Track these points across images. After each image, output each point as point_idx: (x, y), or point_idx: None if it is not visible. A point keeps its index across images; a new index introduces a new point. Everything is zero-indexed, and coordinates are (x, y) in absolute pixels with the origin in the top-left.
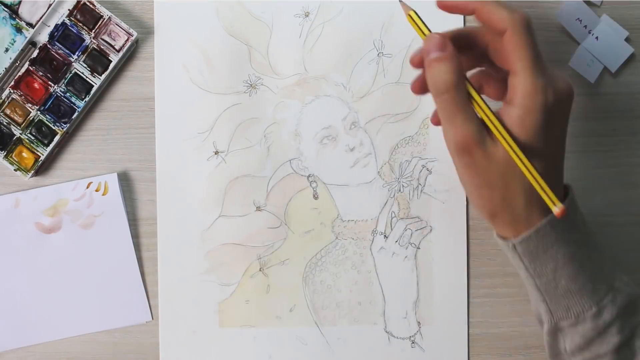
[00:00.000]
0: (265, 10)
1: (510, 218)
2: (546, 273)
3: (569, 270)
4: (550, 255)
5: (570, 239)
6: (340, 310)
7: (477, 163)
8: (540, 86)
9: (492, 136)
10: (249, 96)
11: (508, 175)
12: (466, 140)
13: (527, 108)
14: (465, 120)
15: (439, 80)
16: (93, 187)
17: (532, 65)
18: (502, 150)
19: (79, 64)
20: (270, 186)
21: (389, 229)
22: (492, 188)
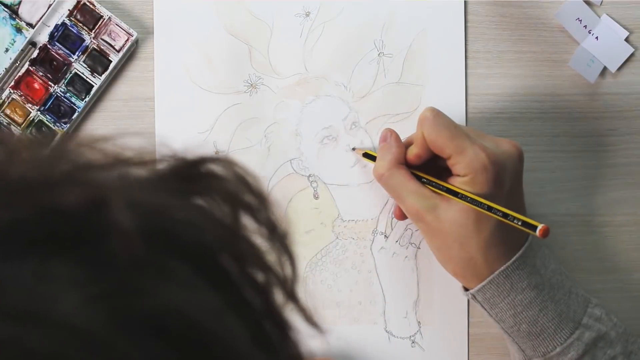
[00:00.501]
0: (265, 9)
1: (472, 274)
2: (507, 319)
3: (528, 315)
4: (508, 303)
5: (528, 285)
6: (340, 309)
7: (432, 228)
8: (471, 156)
9: (443, 203)
10: (250, 96)
11: (462, 236)
12: (415, 211)
13: (472, 171)
14: (410, 195)
15: (376, 167)
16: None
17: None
18: (453, 213)
19: (79, 64)
20: (270, 186)
21: (389, 229)
22: (450, 249)
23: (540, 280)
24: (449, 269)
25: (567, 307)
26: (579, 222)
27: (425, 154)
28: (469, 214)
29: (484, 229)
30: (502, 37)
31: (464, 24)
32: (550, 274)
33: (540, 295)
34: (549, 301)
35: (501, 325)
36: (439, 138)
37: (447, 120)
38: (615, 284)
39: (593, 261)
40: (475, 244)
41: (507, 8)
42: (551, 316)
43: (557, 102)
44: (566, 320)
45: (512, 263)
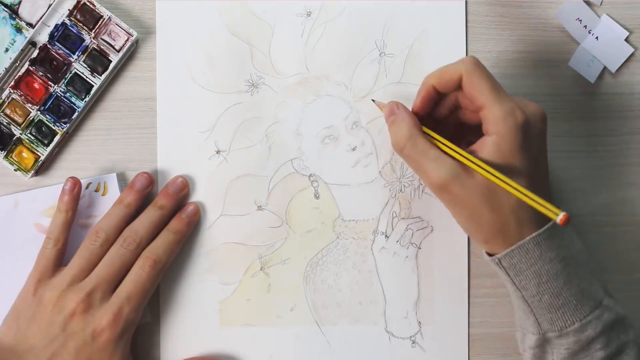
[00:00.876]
0: (267, 9)
1: (503, 240)
2: (530, 287)
3: (552, 287)
4: (534, 271)
5: (556, 257)
6: (341, 309)
7: (458, 197)
8: (507, 110)
9: (467, 170)
10: (251, 95)
11: (492, 201)
12: (439, 181)
13: (499, 133)
14: (433, 163)
15: (395, 139)
16: (92, 188)
17: (494, 95)
18: (479, 179)
19: (79, 64)
20: (271, 185)
21: (390, 229)
22: (480, 217)
23: (568, 254)
24: (479, 237)
25: (589, 285)
26: (579, 222)
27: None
28: None
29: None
30: (502, 37)
31: (465, 24)
32: (577, 250)
33: (566, 268)
34: (574, 276)
35: (522, 294)
36: (480, 82)
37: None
38: (615, 284)
39: (593, 261)
40: (506, 205)
41: (507, 8)
42: (575, 291)
43: (557, 102)
44: (588, 297)
45: (544, 231)
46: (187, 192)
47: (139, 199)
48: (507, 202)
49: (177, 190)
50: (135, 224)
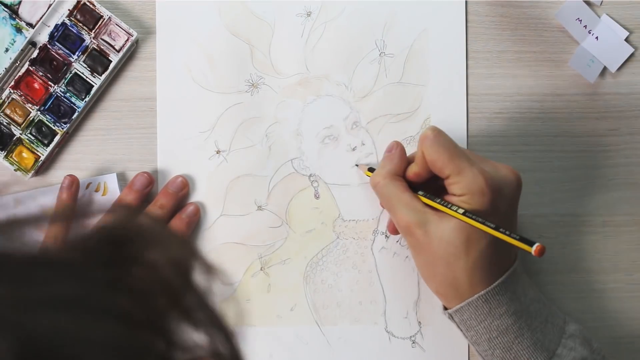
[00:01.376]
0: (267, 9)
1: (454, 294)
2: (482, 342)
3: (503, 341)
4: (484, 327)
5: (506, 312)
6: (341, 309)
7: (420, 243)
8: (469, 177)
9: (437, 217)
10: (251, 95)
11: (450, 254)
12: (405, 224)
13: (466, 195)
14: (402, 207)
15: (374, 175)
16: (92, 188)
17: (454, 166)
18: (443, 230)
19: (79, 64)
20: (271, 185)
21: None
22: (435, 266)
23: (519, 307)
24: (432, 287)
25: (542, 335)
26: (579, 222)
27: (424, 173)
28: (459, 234)
29: (472, 250)
30: (502, 37)
31: (465, 23)
32: (529, 301)
33: (517, 322)
34: (526, 329)
35: (476, 348)
36: (438, 158)
37: (448, 140)
38: (615, 284)
39: (593, 261)
40: (462, 264)
41: (507, 8)
42: (526, 344)
43: (557, 102)
44: (541, 349)
45: (494, 288)
46: (187, 192)
47: (138, 199)
48: (464, 261)
49: (177, 189)
50: None
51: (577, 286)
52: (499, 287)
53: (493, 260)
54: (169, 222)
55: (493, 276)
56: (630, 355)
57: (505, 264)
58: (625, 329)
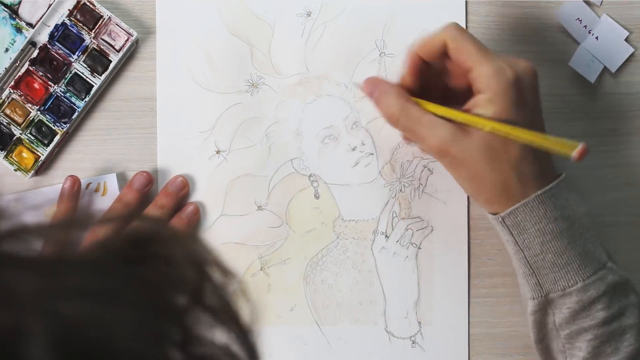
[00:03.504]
0: (267, 9)
1: (507, 199)
2: (534, 246)
3: (556, 245)
4: (538, 229)
5: (561, 216)
6: (341, 309)
7: (458, 159)
8: (496, 68)
9: (464, 131)
10: (251, 95)
11: (492, 159)
12: (438, 145)
13: (492, 90)
14: (429, 129)
15: (387, 113)
16: (92, 188)
17: (481, 55)
18: (477, 139)
19: (79, 64)
20: (271, 185)
21: (390, 229)
22: (481, 177)
23: (572, 214)
24: (482, 198)
25: (594, 247)
26: None
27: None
28: (494, 136)
29: (512, 147)
30: (502, 37)
31: (466, 21)
32: (581, 213)
33: (571, 228)
34: (578, 237)
35: (524, 255)
36: (465, 45)
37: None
38: None
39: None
40: (507, 164)
41: (507, 8)
42: (578, 251)
43: (557, 102)
44: (592, 258)
45: (549, 189)
46: (187, 192)
47: (138, 198)
48: (507, 159)
49: (177, 189)
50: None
51: None
52: (554, 190)
53: (535, 157)
54: (169, 222)
55: (544, 177)
56: None
57: (550, 169)
58: None
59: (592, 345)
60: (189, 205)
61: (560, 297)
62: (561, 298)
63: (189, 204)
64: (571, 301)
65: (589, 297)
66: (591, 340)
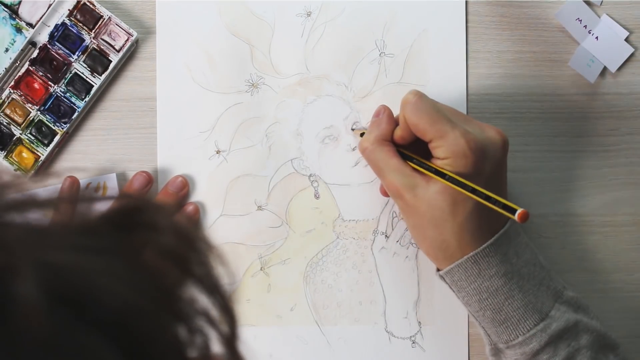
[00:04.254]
0: (267, 9)
1: (444, 256)
2: (473, 303)
3: (493, 303)
4: (474, 288)
5: (496, 274)
6: (341, 309)
7: (410, 206)
8: (457, 134)
9: (425, 180)
10: (251, 95)
11: (437, 218)
12: (394, 188)
13: (451, 154)
14: (391, 172)
15: (362, 141)
16: (92, 188)
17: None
18: (431, 194)
19: (79, 64)
20: (271, 185)
21: (390, 229)
22: (424, 229)
23: (510, 269)
24: (423, 248)
25: (535, 298)
26: (579, 222)
27: (408, 136)
28: (446, 197)
29: (459, 213)
30: (502, 37)
31: (465, 21)
32: (522, 263)
33: (507, 284)
34: (517, 290)
35: (468, 309)
36: (420, 122)
37: (430, 104)
38: (615, 284)
39: (593, 261)
40: (450, 227)
41: (507, 8)
42: (517, 306)
43: (557, 102)
44: (532, 311)
45: (483, 250)
46: (187, 192)
47: None
48: (452, 221)
49: (177, 189)
50: None
51: (578, 286)
52: (488, 249)
53: (482, 222)
54: None
55: (482, 238)
56: (631, 356)
57: (496, 225)
58: (625, 329)
59: None
60: (188, 205)
61: (505, 348)
62: (507, 349)
63: (189, 203)
64: (516, 353)
65: (532, 349)
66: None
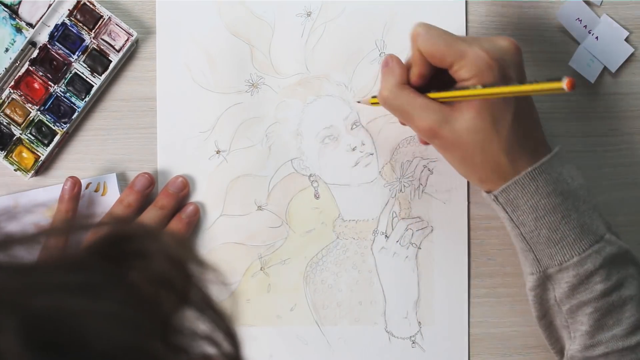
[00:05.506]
0: (267, 9)
1: (499, 177)
2: (528, 222)
3: (550, 221)
4: (531, 205)
5: (554, 191)
6: (340, 309)
7: (449, 141)
8: (472, 57)
9: (455, 113)
10: (251, 95)
11: (482, 140)
12: (428, 127)
13: (477, 70)
14: (420, 111)
15: (381, 94)
16: (92, 188)
17: (453, 51)
18: (468, 120)
19: (79, 64)
20: (271, 185)
21: (390, 229)
22: (473, 157)
23: (566, 188)
24: (475, 178)
25: (590, 220)
26: None
27: (426, 70)
28: (484, 116)
29: (501, 127)
30: None
31: (465, 22)
32: (577, 186)
33: (564, 203)
34: (573, 210)
35: (520, 230)
36: (436, 48)
37: (440, 30)
38: None
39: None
40: (497, 145)
41: (507, 8)
42: (573, 225)
43: (557, 102)
44: (588, 231)
45: (540, 166)
46: (188, 192)
47: (139, 200)
48: (497, 139)
49: (177, 190)
50: None
51: None
52: (545, 165)
53: (526, 135)
54: (169, 222)
55: (535, 153)
56: None
57: (542, 144)
58: None
59: (593, 319)
60: (188, 206)
61: (557, 272)
62: (559, 273)
63: (189, 204)
64: (569, 275)
65: (586, 271)
66: (592, 313)
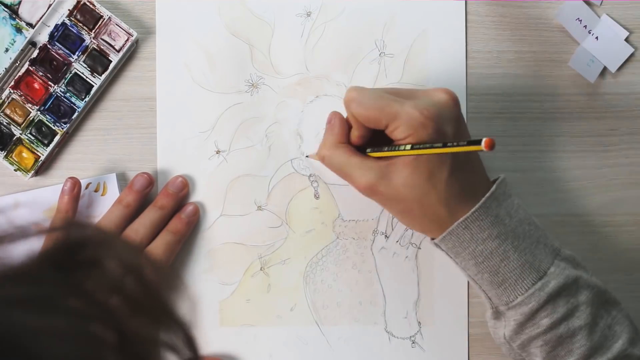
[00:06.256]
0: (267, 9)
1: (438, 227)
2: (470, 267)
3: (489, 265)
4: (469, 252)
5: (489, 236)
6: (340, 309)
7: (388, 196)
8: (407, 109)
9: (391, 170)
10: (251, 95)
11: (420, 194)
12: (367, 185)
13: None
14: (357, 170)
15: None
16: (92, 188)
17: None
18: (405, 176)
19: (79, 64)
20: (271, 185)
21: (390, 229)
22: (412, 211)
23: (503, 230)
24: (417, 228)
25: (532, 256)
26: (579, 222)
27: (364, 132)
28: (420, 171)
29: (437, 181)
30: (502, 37)
31: (465, 22)
32: (516, 223)
33: (501, 245)
34: (512, 251)
35: (467, 273)
36: (369, 113)
37: (371, 93)
38: (615, 284)
39: (593, 261)
40: (435, 197)
41: (507, 8)
42: (513, 266)
43: (557, 102)
44: (529, 270)
45: (472, 214)
46: (187, 192)
47: (138, 199)
48: (434, 196)
49: (177, 190)
50: (136, 224)
51: None
52: (477, 212)
53: (464, 185)
54: (168, 222)
55: (470, 202)
56: None
57: (482, 188)
58: None
59: (544, 351)
60: (188, 206)
61: (506, 310)
62: (508, 311)
63: (189, 204)
64: (516, 313)
65: (531, 309)
66: (542, 346)
